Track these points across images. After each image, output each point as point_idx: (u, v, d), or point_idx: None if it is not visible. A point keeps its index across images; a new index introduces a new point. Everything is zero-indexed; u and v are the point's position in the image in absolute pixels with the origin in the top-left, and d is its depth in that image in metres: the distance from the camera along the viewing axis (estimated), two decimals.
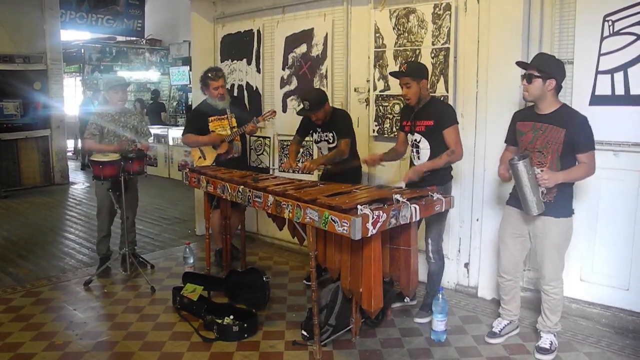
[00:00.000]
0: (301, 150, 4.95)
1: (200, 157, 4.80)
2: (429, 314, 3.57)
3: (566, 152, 3.01)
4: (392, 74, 3.72)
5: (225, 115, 4.65)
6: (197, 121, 4.76)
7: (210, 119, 4.66)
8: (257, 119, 4.57)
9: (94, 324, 3.74)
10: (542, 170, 2.97)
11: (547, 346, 3.23)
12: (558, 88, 3.06)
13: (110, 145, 4.51)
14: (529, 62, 3.08)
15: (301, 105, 4.12)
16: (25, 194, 8.60)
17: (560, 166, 3.04)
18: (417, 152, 3.61)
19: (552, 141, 3.02)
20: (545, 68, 3.00)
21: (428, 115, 3.51)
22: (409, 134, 3.66)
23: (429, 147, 3.54)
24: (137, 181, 4.79)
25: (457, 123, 3.55)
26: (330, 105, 4.22)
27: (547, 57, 3.13)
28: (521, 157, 2.97)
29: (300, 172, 4.12)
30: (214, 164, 4.67)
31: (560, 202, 3.09)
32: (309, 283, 4.42)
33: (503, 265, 3.39)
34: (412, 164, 3.71)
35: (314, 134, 4.26)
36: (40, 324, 3.72)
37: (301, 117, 4.31)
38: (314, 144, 4.26)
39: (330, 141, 4.16)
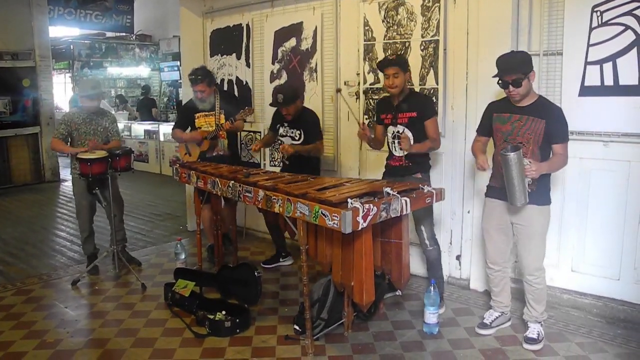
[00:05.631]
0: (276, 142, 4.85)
1: (186, 154, 4.81)
2: (441, 305, 3.64)
3: (544, 143, 3.07)
4: (382, 61, 3.62)
5: (213, 112, 4.63)
6: (184, 117, 4.83)
7: (196, 115, 4.66)
8: (234, 117, 4.49)
9: (85, 322, 3.73)
10: (530, 162, 2.98)
11: (535, 336, 3.26)
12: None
13: (74, 148, 4.43)
14: (505, 70, 3.03)
15: (276, 98, 4.17)
16: (15, 192, 8.56)
17: (539, 157, 3.08)
18: (400, 143, 3.64)
19: (533, 132, 3.05)
20: (524, 67, 3.01)
21: (410, 108, 3.58)
22: (390, 126, 3.69)
23: (411, 137, 3.58)
24: (116, 178, 4.64)
25: (437, 115, 3.67)
26: (304, 104, 4.40)
27: (519, 56, 3.13)
28: (513, 149, 2.97)
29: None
30: (198, 160, 4.64)
31: (541, 191, 3.14)
32: (267, 266, 4.62)
33: (490, 256, 3.41)
34: (391, 155, 3.75)
35: (281, 127, 4.39)
36: (31, 322, 3.70)
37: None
38: (280, 137, 4.42)
39: (296, 138, 4.29)
